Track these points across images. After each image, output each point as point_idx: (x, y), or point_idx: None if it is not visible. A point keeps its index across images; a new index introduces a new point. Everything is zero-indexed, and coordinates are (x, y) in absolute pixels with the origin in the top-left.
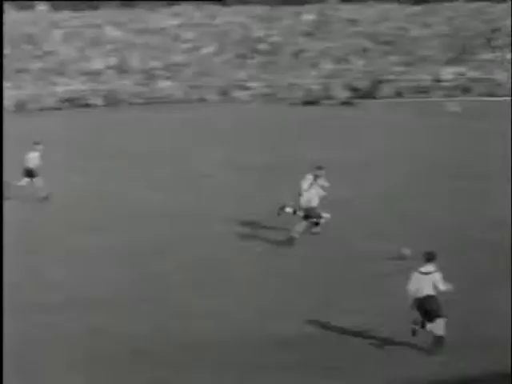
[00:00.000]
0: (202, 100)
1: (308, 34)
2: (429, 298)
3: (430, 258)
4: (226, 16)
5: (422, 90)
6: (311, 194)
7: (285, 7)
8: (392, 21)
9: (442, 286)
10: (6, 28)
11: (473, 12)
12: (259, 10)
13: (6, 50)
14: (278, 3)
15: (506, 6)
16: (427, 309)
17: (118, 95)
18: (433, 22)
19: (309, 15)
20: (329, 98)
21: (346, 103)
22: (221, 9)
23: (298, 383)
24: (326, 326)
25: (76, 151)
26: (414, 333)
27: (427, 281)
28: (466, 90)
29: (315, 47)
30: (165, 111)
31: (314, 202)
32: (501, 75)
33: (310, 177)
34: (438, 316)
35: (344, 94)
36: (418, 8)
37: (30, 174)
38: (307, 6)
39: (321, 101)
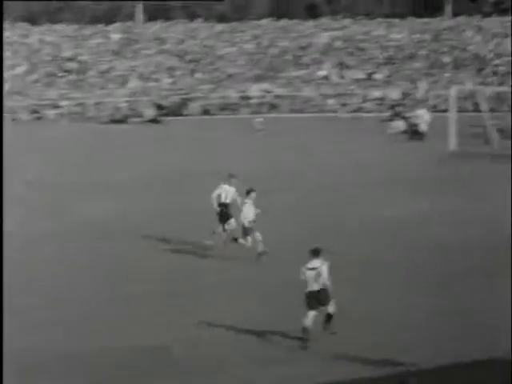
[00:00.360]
0: (13, 119)
1: (116, 53)
2: (316, 291)
3: (315, 253)
4: (36, 35)
5: (230, 108)
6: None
7: (93, 26)
8: (199, 39)
9: (328, 280)
10: None
11: (280, 30)
12: (69, 29)
13: None
14: (86, 22)
15: (312, 23)
16: (312, 301)
17: None
18: (240, 40)
19: (116, 34)
20: (137, 115)
21: (153, 121)
22: (32, 28)
23: None
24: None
25: None
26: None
27: (315, 275)
28: (273, 107)
29: (123, 66)
30: None
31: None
32: (309, 92)
33: (225, 186)
34: (323, 304)
35: (151, 112)
36: (224, 26)
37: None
38: (115, 25)
39: (129, 119)
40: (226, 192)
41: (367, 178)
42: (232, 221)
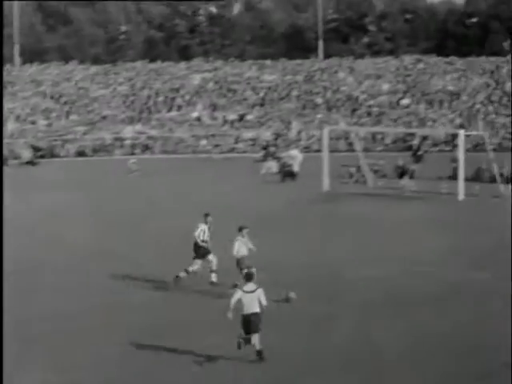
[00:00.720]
0: None
1: None
2: (254, 314)
3: (249, 277)
4: None
5: (105, 149)
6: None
7: None
8: (74, 81)
9: (264, 301)
10: None
11: (153, 72)
12: None
13: None
14: None
15: (184, 65)
16: (249, 324)
17: None
18: (114, 82)
19: None
20: (14, 157)
21: (30, 163)
22: None
23: None
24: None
25: None
26: (239, 346)
27: (253, 298)
28: (146, 148)
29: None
30: None
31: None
32: (182, 133)
33: (203, 226)
34: (255, 331)
35: (28, 154)
36: (99, 68)
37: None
38: None
39: (7, 161)
40: (204, 230)
41: (238, 218)
42: (211, 256)
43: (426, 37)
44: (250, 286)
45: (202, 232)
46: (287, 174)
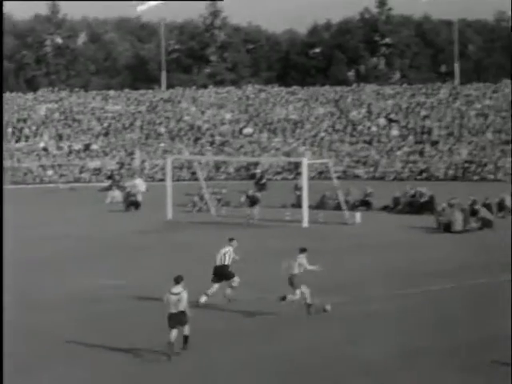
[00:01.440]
0: None
1: None
2: (179, 313)
3: (177, 280)
4: None
5: None
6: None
7: None
8: None
9: (186, 304)
10: None
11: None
12: None
13: None
14: None
15: (31, 96)
16: (170, 320)
17: None
18: None
19: None
20: None
21: None
22: None
23: None
24: None
25: None
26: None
27: (176, 300)
28: None
29: None
30: None
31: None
32: (29, 163)
33: (228, 249)
34: (173, 327)
35: None
36: None
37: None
38: None
39: None
40: (229, 253)
41: (82, 248)
42: (236, 279)
43: (268, 67)
44: (177, 288)
45: (227, 255)
46: (131, 203)
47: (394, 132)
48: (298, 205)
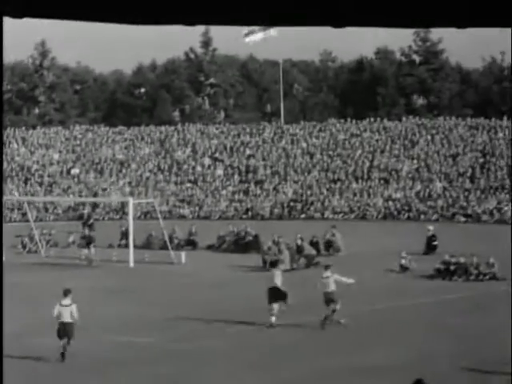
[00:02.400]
0: None
1: None
2: (67, 324)
3: (66, 293)
4: None
5: None
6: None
7: None
8: None
9: (76, 315)
10: None
11: None
12: None
13: None
14: None
15: None
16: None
17: None
18: None
19: None
20: None
21: None
22: None
23: None
24: None
25: None
26: None
27: (67, 311)
28: None
29: None
30: None
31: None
32: None
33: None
34: (62, 337)
35: None
36: None
37: None
38: None
39: None
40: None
41: None
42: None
43: (95, 107)
44: (66, 300)
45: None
46: None
47: (219, 171)
48: (124, 245)
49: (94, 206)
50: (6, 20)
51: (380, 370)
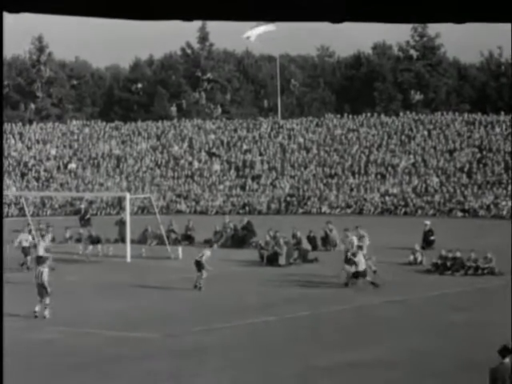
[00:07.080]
0: None
1: None
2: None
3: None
4: None
5: None
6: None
7: None
8: None
9: None
10: None
11: None
12: None
13: None
14: None
15: None
16: None
17: None
18: None
19: None
20: None
21: None
22: None
23: None
24: None
25: None
26: None
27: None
28: None
29: None
30: None
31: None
32: None
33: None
34: None
35: None
36: None
37: None
38: None
39: None
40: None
41: None
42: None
43: (92, 102)
44: None
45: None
46: None
47: (216, 166)
48: (121, 240)
49: (91, 200)
50: (3, 15)
51: (369, 365)
